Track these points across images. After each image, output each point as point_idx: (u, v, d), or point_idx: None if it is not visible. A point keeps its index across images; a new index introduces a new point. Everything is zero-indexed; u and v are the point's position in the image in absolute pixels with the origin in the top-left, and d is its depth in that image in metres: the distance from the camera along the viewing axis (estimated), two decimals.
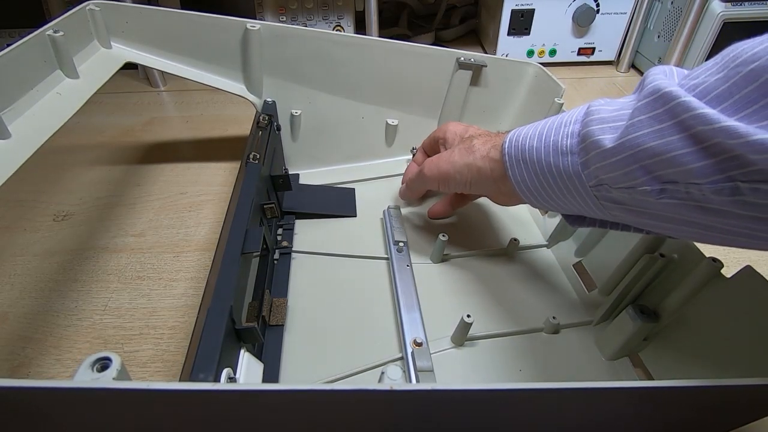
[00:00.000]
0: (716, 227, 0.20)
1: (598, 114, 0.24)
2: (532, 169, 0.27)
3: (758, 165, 0.17)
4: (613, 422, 0.23)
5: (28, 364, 0.34)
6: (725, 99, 0.18)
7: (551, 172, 0.26)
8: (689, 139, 0.19)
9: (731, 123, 0.17)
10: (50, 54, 0.35)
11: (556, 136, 0.26)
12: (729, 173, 0.18)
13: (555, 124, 0.26)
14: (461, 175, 0.33)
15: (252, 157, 0.36)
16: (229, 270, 0.27)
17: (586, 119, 0.24)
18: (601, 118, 0.23)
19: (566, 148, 0.25)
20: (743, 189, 0.18)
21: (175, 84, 0.75)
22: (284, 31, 0.44)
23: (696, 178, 0.19)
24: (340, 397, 0.18)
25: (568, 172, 0.25)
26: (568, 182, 0.25)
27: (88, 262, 0.42)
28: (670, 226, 0.22)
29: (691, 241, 0.29)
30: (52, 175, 0.53)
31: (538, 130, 0.27)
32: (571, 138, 0.25)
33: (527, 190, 0.28)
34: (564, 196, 0.26)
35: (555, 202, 0.27)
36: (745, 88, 0.17)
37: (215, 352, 0.22)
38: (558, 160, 0.25)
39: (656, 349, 0.32)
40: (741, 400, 0.23)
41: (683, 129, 0.19)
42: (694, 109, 0.18)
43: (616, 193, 0.23)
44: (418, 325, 0.33)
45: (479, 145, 0.33)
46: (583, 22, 0.76)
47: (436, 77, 0.47)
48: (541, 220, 0.44)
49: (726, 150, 0.18)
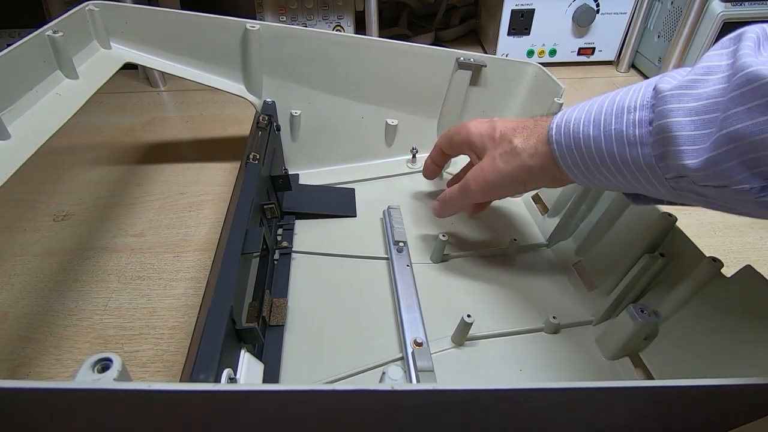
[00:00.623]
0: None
1: (678, 102, 0.21)
2: (589, 158, 0.25)
3: None
4: (613, 422, 0.23)
5: (28, 364, 0.34)
6: None
7: (615, 162, 0.24)
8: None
9: None
10: (50, 54, 0.35)
11: (618, 124, 0.23)
12: None
13: (615, 109, 0.24)
14: (513, 181, 0.32)
15: (252, 158, 0.36)
16: (229, 270, 0.27)
17: (660, 107, 0.22)
18: (685, 108, 0.21)
19: (635, 138, 0.23)
20: None
21: (175, 84, 0.75)
22: (284, 31, 0.44)
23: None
24: (341, 397, 0.18)
25: (638, 163, 0.23)
26: (638, 172, 0.23)
27: (88, 262, 0.42)
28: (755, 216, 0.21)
29: None
30: (52, 175, 0.53)
31: (593, 115, 0.25)
32: (640, 127, 0.22)
33: (583, 177, 0.27)
34: (629, 181, 0.24)
35: (616, 186, 0.26)
36: None
37: (215, 353, 0.22)
38: (624, 150, 0.23)
39: (657, 348, 0.32)
40: (741, 399, 0.23)
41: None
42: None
43: (701, 189, 0.21)
44: (418, 325, 0.33)
45: (521, 143, 0.30)
46: (583, 22, 0.76)
47: (435, 77, 0.47)
48: (541, 219, 0.44)
49: None
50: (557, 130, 0.27)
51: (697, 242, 0.30)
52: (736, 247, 0.46)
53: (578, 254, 0.39)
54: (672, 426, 0.25)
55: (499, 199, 0.36)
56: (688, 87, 0.21)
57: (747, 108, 0.18)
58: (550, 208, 0.43)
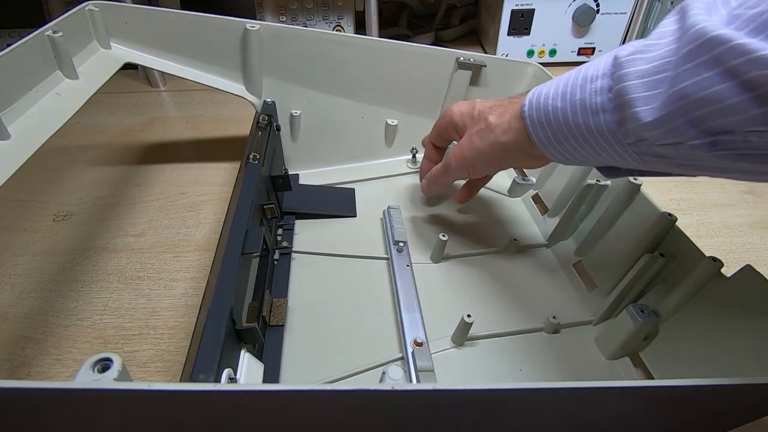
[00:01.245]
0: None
1: (633, 66, 0.22)
2: (558, 130, 0.26)
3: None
4: (613, 421, 0.24)
5: (28, 364, 0.34)
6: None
7: (581, 132, 0.24)
8: (744, 86, 0.17)
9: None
10: (50, 54, 0.35)
11: (582, 93, 0.24)
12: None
13: (579, 80, 0.25)
14: (488, 157, 0.32)
15: (252, 158, 0.36)
16: (229, 270, 0.27)
17: (617, 72, 0.22)
18: (638, 71, 0.21)
19: (596, 105, 0.23)
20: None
21: (175, 84, 0.75)
22: (284, 31, 0.44)
23: (755, 125, 0.18)
24: (342, 397, 0.18)
25: (601, 131, 0.23)
26: (602, 140, 0.24)
27: (88, 262, 0.42)
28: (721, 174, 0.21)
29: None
30: (52, 175, 0.53)
31: (560, 88, 0.26)
32: (601, 95, 0.23)
33: (555, 151, 0.27)
34: (597, 152, 0.25)
35: (587, 159, 0.26)
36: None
37: (216, 353, 0.22)
38: (588, 118, 0.24)
39: (656, 348, 0.32)
40: (741, 399, 0.23)
41: (735, 74, 0.17)
42: (751, 52, 0.17)
43: (660, 149, 0.21)
44: (418, 325, 0.33)
45: (495, 120, 0.31)
46: (583, 22, 0.76)
47: (435, 77, 0.47)
48: (541, 219, 0.44)
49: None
50: (529, 105, 0.28)
51: (697, 242, 0.30)
52: (736, 247, 0.46)
53: (578, 254, 0.39)
54: (672, 426, 0.25)
55: (480, 177, 0.37)
56: (642, 51, 0.22)
57: (694, 65, 0.19)
58: (550, 208, 0.43)
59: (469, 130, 0.34)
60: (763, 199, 0.53)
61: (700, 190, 0.54)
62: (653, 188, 0.54)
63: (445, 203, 0.47)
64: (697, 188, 0.54)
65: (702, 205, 0.52)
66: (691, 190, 0.54)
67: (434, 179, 0.39)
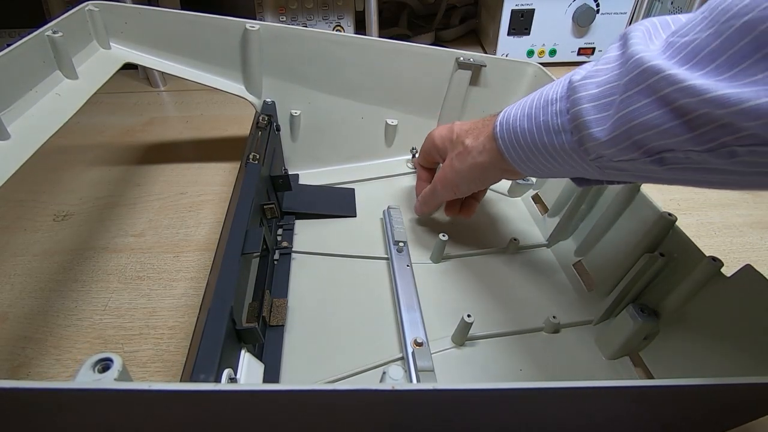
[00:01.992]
0: (726, 182, 0.20)
1: (584, 90, 0.23)
2: (528, 149, 0.28)
3: (750, 130, 0.17)
4: (613, 421, 0.24)
5: (28, 364, 0.34)
6: (719, 55, 0.17)
7: (547, 150, 0.26)
8: (675, 112, 0.19)
9: (719, 93, 0.17)
10: (49, 55, 0.35)
11: (545, 116, 0.26)
12: (721, 140, 0.18)
13: (541, 102, 0.26)
14: (468, 177, 0.35)
15: (252, 158, 0.36)
16: (229, 270, 0.27)
17: (572, 96, 0.24)
18: (589, 95, 0.23)
19: (558, 126, 0.25)
20: (740, 152, 0.18)
21: (175, 84, 0.75)
22: (283, 31, 0.44)
23: (690, 146, 0.19)
24: (342, 397, 0.18)
25: (564, 149, 0.25)
26: (567, 158, 0.25)
27: (88, 262, 0.42)
28: (678, 183, 0.22)
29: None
30: (52, 175, 0.53)
31: (526, 110, 0.28)
32: (561, 116, 0.25)
33: (527, 167, 0.29)
34: (564, 167, 0.26)
35: (557, 172, 0.28)
36: (739, 41, 0.17)
37: (216, 353, 0.22)
38: (552, 138, 0.26)
39: (656, 348, 0.32)
40: (741, 398, 0.23)
41: (668, 102, 0.19)
42: (680, 81, 0.18)
43: (618, 164, 0.23)
44: (418, 325, 0.33)
45: (471, 142, 0.33)
46: (583, 22, 0.76)
47: (435, 77, 0.47)
48: (540, 219, 0.44)
49: (715, 119, 0.18)
50: (500, 127, 0.30)
51: (697, 242, 0.30)
52: (736, 247, 0.46)
53: (578, 254, 0.39)
54: (672, 425, 0.25)
55: (467, 195, 0.39)
56: (592, 76, 0.23)
57: (635, 92, 0.20)
58: (550, 208, 0.43)
59: (450, 154, 0.36)
60: (763, 199, 0.53)
61: (699, 190, 0.54)
62: (653, 188, 0.54)
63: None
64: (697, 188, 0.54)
65: (702, 205, 0.52)
66: (691, 190, 0.54)
67: (425, 201, 0.41)
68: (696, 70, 0.18)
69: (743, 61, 0.17)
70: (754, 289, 0.26)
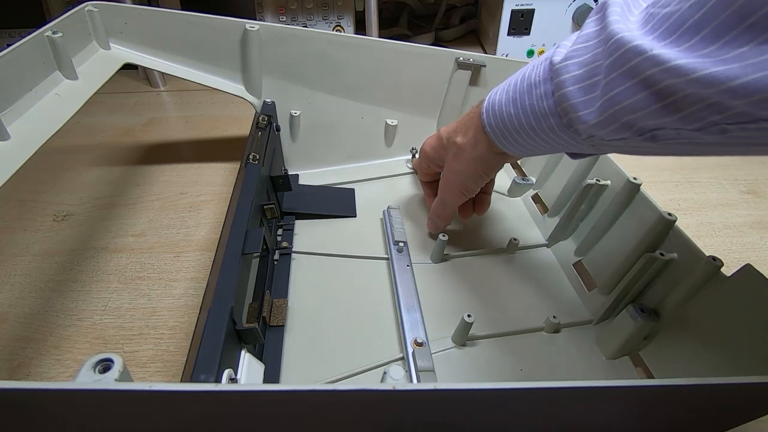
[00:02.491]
0: (723, 152, 0.20)
1: (567, 72, 0.23)
2: (516, 133, 0.27)
3: (739, 108, 0.16)
4: (614, 421, 0.24)
5: (28, 364, 0.34)
6: (703, 27, 0.17)
7: (537, 133, 0.26)
8: (661, 93, 0.18)
9: (705, 71, 0.16)
10: (49, 55, 0.35)
11: (530, 99, 0.25)
12: (710, 119, 0.18)
13: (524, 85, 0.26)
14: (472, 173, 0.34)
15: (252, 158, 0.36)
16: (229, 271, 0.27)
17: (556, 79, 0.24)
18: (573, 77, 0.23)
19: (545, 110, 0.25)
20: (730, 129, 0.17)
21: (175, 84, 0.75)
22: (283, 31, 0.44)
23: (680, 125, 0.19)
24: (343, 397, 0.18)
25: (554, 131, 0.25)
26: (558, 138, 0.25)
27: (88, 262, 0.42)
28: (677, 154, 0.22)
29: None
30: (52, 175, 0.53)
31: (510, 95, 0.27)
32: (546, 99, 0.24)
33: (522, 149, 0.29)
34: (559, 145, 0.26)
35: (551, 149, 0.28)
36: (721, 13, 0.16)
37: (216, 353, 0.22)
38: (540, 122, 0.25)
39: (657, 347, 0.32)
40: (741, 398, 0.23)
41: (652, 84, 0.19)
42: (664, 62, 0.18)
43: (611, 143, 0.23)
44: (418, 325, 0.33)
45: (462, 139, 0.33)
46: (583, 22, 0.76)
47: (435, 77, 0.47)
48: (540, 219, 0.44)
49: (702, 99, 0.17)
50: (486, 116, 0.29)
51: (697, 242, 0.30)
52: (736, 247, 0.46)
53: (578, 254, 0.39)
54: (672, 424, 0.25)
55: (476, 193, 0.38)
56: (572, 57, 0.23)
57: (618, 74, 0.20)
58: (549, 208, 0.43)
59: (446, 159, 0.36)
60: (763, 199, 0.53)
61: (700, 190, 0.54)
62: (653, 188, 0.54)
63: None
64: (697, 188, 0.54)
65: (702, 205, 0.52)
66: (691, 190, 0.54)
67: (437, 216, 0.40)
68: (679, 44, 0.18)
69: (728, 33, 0.16)
70: (755, 289, 0.26)
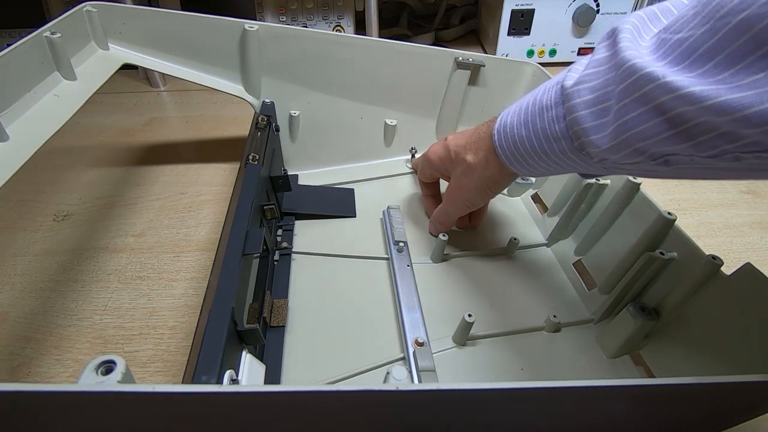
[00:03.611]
0: (739, 176, 0.19)
1: (578, 97, 0.23)
2: (528, 155, 0.28)
3: (752, 138, 0.16)
4: (615, 420, 0.24)
5: (28, 364, 0.34)
6: (717, 53, 0.17)
7: (549, 156, 0.26)
8: (673, 121, 0.18)
9: (719, 99, 0.16)
10: (47, 56, 0.35)
11: (542, 122, 0.26)
12: (723, 148, 0.17)
13: (536, 108, 0.26)
14: (480, 191, 0.35)
15: (251, 158, 0.36)
16: (230, 272, 0.27)
17: (567, 104, 0.24)
18: (584, 101, 0.23)
19: (557, 133, 0.25)
20: (744, 157, 0.17)
21: (175, 84, 0.75)
22: (282, 31, 0.44)
23: (693, 152, 0.19)
24: (345, 397, 0.18)
25: (566, 154, 0.25)
26: (570, 161, 0.25)
27: (88, 262, 0.42)
28: (690, 178, 0.22)
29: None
30: (52, 175, 0.53)
31: (522, 117, 0.27)
32: (558, 123, 0.24)
33: (533, 170, 0.29)
34: (571, 168, 0.26)
35: (563, 171, 0.28)
36: (736, 40, 0.16)
37: (217, 354, 0.22)
38: (552, 145, 0.25)
39: (657, 346, 0.32)
40: (741, 397, 0.23)
41: (664, 111, 0.19)
42: (677, 89, 0.18)
43: (624, 166, 0.23)
44: (419, 325, 0.33)
45: (473, 158, 0.33)
46: (583, 22, 0.76)
47: (434, 77, 0.47)
48: (540, 219, 0.44)
49: (715, 127, 0.17)
50: (498, 137, 0.30)
51: (697, 242, 0.30)
52: (736, 247, 0.46)
53: (578, 253, 0.39)
54: (672, 423, 0.25)
55: (477, 208, 0.39)
56: (584, 81, 0.23)
57: (631, 100, 0.20)
58: (549, 207, 0.43)
59: (453, 174, 0.36)
60: (763, 199, 0.53)
61: (700, 190, 0.54)
62: (653, 188, 0.54)
63: None
64: (697, 188, 0.54)
65: (702, 205, 0.52)
66: (691, 190, 0.54)
67: (440, 221, 0.41)
68: (692, 70, 0.17)
69: (743, 60, 0.16)
70: (755, 288, 0.26)
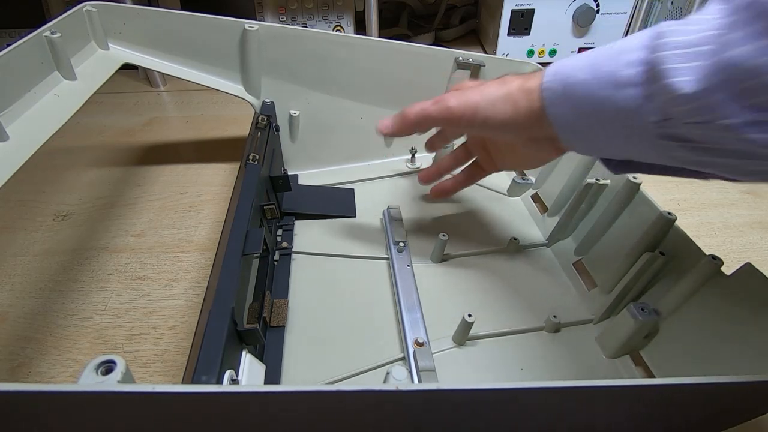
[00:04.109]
0: None
1: (674, 36, 0.20)
2: (578, 105, 0.24)
3: None
4: (615, 420, 0.24)
5: (28, 364, 0.34)
6: None
7: (602, 108, 0.23)
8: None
9: None
10: (47, 56, 0.35)
11: (613, 65, 0.22)
12: None
13: (613, 51, 0.23)
14: (493, 109, 0.28)
15: (251, 158, 0.36)
16: (230, 272, 0.27)
17: (657, 42, 0.20)
18: (681, 41, 0.20)
19: (627, 79, 0.21)
20: None
21: (175, 84, 0.75)
22: (282, 31, 0.44)
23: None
24: (345, 397, 0.18)
25: (625, 108, 0.22)
26: (624, 120, 0.22)
27: (88, 262, 0.42)
28: (732, 168, 0.20)
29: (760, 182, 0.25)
30: (52, 175, 0.53)
31: (590, 60, 0.23)
32: (635, 66, 0.21)
33: (570, 132, 0.25)
34: (615, 136, 0.23)
35: (601, 145, 0.24)
36: None
37: (217, 355, 0.22)
38: (613, 93, 0.22)
39: (657, 346, 0.32)
40: (741, 397, 0.23)
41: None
42: None
43: (685, 129, 0.20)
44: (419, 324, 0.33)
45: (513, 77, 0.28)
46: (583, 22, 0.76)
47: (434, 77, 0.47)
48: (540, 219, 0.44)
49: None
50: (551, 75, 0.25)
51: (697, 242, 0.30)
52: (736, 247, 0.46)
53: (578, 253, 0.39)
54: (673, 423, 0.25)
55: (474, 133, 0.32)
56: (686, 23, 0.20)
57: (747, 32, 0.17)
58: (549, 207, 0.43)
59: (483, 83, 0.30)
60: (763, 199, 0.53)
61: (700, 190, 0.54)
62: (653, 188, 0.54)
63: (446, 203, 0.47)
64: (697, 188, 0.54)
65: (702, 205, 0.52)
66: (691, 190, 0.54)
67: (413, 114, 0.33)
68: None
69: None
70: (755, 288, 0.26)
